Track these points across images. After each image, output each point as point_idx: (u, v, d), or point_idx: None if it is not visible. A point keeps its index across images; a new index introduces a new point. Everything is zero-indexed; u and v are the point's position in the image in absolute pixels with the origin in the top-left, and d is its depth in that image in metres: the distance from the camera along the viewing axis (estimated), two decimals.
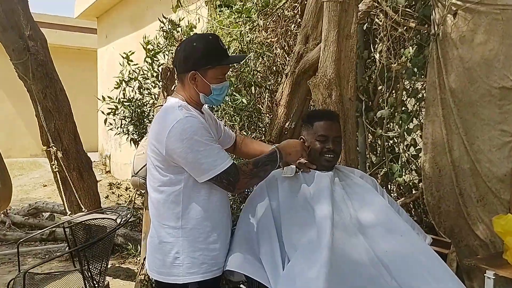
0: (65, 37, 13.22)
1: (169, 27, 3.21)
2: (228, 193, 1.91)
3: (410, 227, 1.86)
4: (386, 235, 1.74)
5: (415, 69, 3.13)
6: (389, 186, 3.43)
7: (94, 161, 4.73)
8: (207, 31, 4.18)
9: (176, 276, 1.75)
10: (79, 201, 4.07)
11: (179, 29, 3.38)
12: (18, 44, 3.52)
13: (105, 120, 3.45)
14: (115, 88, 3.20)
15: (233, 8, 4.02)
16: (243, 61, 3.55)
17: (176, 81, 1.92)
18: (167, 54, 3.32)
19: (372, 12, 3.23)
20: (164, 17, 3.31)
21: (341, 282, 1.54)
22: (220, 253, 1.80)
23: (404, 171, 3.24)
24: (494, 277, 2.21)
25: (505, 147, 2.59)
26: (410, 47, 3.14)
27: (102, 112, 3.42)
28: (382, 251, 1.67)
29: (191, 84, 1.79)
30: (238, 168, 1.73)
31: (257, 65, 3.81)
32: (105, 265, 2.59)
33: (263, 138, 3.34)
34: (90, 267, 2.52)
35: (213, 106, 3.87)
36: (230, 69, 3.94)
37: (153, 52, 3.12)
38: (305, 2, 3.37)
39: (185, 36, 3.49)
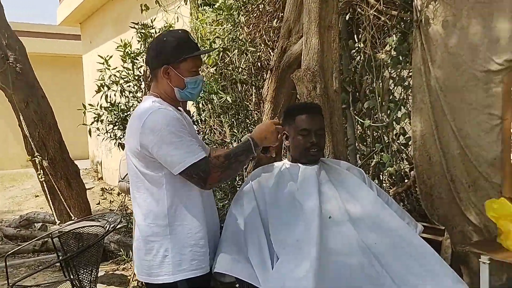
0: (49, 45, 13.10)
1: (142, 30, 3.17)
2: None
3: (400, 217, 1.83)
4: (375, 228, 1.71)
5: (400, 57, 3.10)
6: (380, 176, 3.40)
7: (86, 168, 4.70)
8: (190, 30, 4.14)
9: (166, 275, 1.73)
10: (68, 210, 4.03)
11: (155, 30, 3.33)
12: None
13: (89, 130, 3.40)
14: (96, 92, 3.15)
15: (214, 6, 3.98)
16: (227, 59, 3.51)
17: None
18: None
19: (354, 2, 3.20)
20: (134, 23, 3.27)
21: (332, 277, 1.51)
22: (209, 249, 1.78)
23: (394, 160, 3.21)
24: (489, 262, 2.19)
25: (494, 131, 2.58)
26: (394, 35, 3.12)
27: (84, 124, 3.38)
28: (371, 241, 1.65)
29: (164, 79, 1.79)
30: (208, 165, 1.68)
31: (241, 62, 3.77)
32: (95, 273, 2.55)
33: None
34: (80, 276, 2.48)
35: (197, 104, 3.83)
36: (214, 67, 3.91)
37: (131, 54, 3.08)
38: None
39: None
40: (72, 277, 2.46)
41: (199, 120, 4.05)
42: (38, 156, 3.75)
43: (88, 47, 10.45)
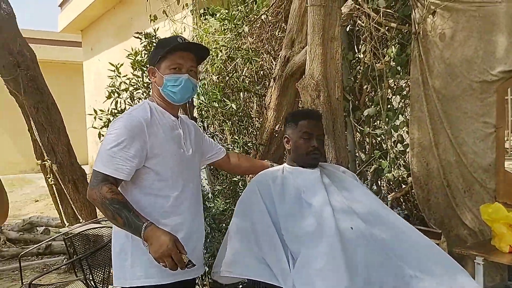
0: (49, 51, 13.19)
1: (146, 40, 3.27)
2: (187, 196, 1.83)
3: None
4: (379, 224, 1.80)
5: (399, 68, 3.23)
6: (379, 182, 3.51)
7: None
8: (193, 39, 4.25)
9: (134, 280, 1.70)
10: (76, 212, 4.10)
11: (157, 39, 3.45)
12: (8, 61, 3.55)
13: (99, 134, 3.49)
14: (106, 98, 3.24)
15: (217, 16, 4.10)
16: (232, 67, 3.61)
17: None
18: None
19: (354, 14, 3.33)
20: (138, 33, 3.38)
21: (356, 271, 1.58)
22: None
23: (393, 166, 3.33)
24: (483, 263, 2.30)
25: (488, 138, 2.70)
26: (393, 47, 3.24)
27: (94, 127, 3.46)
28: (381, 234, 1.73)
29: (152, 80, 1.84)
30: (102, 185, 1.60)
31: (244, 71, 3.89)
32: (107, 273, 2.63)
33: (254, 142, 3.40)
34: (94, 276, 2.56)
35: (200, 111, 3.91)
36: (217, 76, 4.01)
37: (140, 62, 3.18)
38: (288, 8, 3.46)
39: None
40: (86, 276, 2.53)
41: (202, 127, 4.15)
42: (48, 160, 3.83)
43: (89, 54, 10.55)
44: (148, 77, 1.90)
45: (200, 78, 4.19)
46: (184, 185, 1.81)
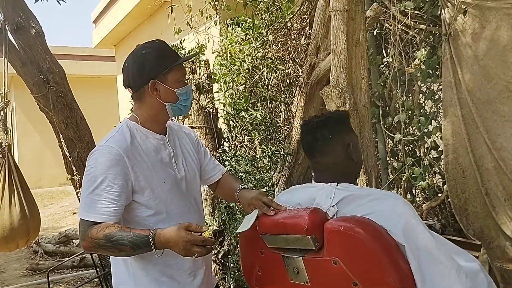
0: (85, 66, 13.62)
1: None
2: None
3: None
4: None
5: (430, 71, 3.09)
6: (413, 190, 3.37)
7: None
8: (219, 49, 4.25)
9: None
10: None
11: (185, 50, 3.45)
12: (38, 78, 3.62)
13: None
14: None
15: (243, 25, 4.08)
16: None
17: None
18: None
19: (381, 18, 3.22)
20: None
21: None
22: None
23: (427, 174, 3.18)
24: None
25: None
26: (423, 49, 3.11)
27: None
28: None
29: (153, 96, 1.59)
30: (89, 230, 1.46)
31: (270, 80, 3.84)
32: None
33: (281, 152, 3.33)
34: None
35: (227, 121, 3.88)
36: (244, 85, 3.98)
37: None
38: (314, 14, 3.39)
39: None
40: None
41: (229, 137, 4.12)
42: (77, 175, 3.87)
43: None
44: (147, 92, 1.60)
45: (228, 88, 4.17)
46: (181, 213, 1.65)
